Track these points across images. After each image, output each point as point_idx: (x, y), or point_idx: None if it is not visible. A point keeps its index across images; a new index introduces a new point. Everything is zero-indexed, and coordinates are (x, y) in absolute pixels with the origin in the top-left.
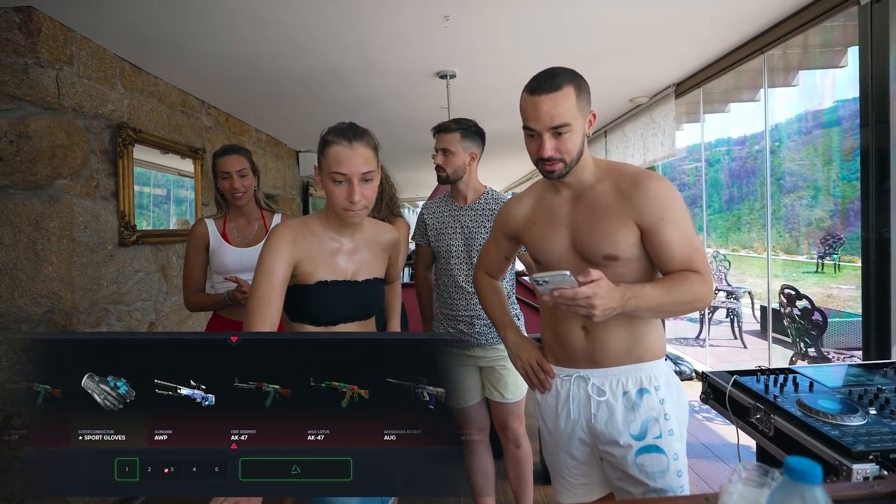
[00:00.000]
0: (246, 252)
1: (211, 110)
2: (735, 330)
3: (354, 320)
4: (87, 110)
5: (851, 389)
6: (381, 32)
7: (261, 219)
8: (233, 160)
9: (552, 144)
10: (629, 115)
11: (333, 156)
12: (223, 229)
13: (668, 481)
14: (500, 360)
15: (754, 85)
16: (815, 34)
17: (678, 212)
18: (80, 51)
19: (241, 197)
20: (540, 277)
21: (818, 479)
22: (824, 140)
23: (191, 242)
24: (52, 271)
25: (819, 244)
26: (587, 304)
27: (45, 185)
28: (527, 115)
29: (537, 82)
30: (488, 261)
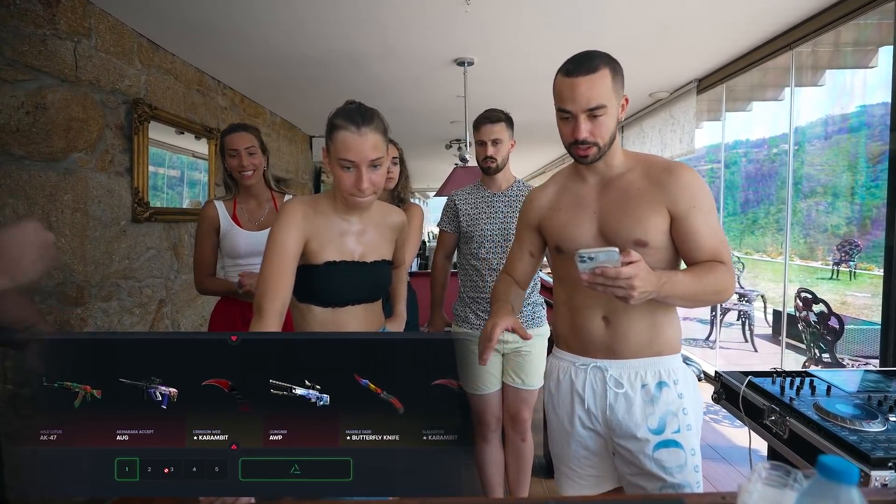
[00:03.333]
0: (258, 235)
1: (227, 91)
2: (746, 333)
3: (361, 302)
4: (103, 85)
5: (870, 395)
6: (400, 16)
7: (271, 200)
8: (241, 137)
9: (587, 127)
10: (648, 111)
11: (341, 141)
12: (234, 212)
13: (685, 476)
14: (525, 346)
15: (779, 83)
16: (847, 31)
17: (708, 203)
18: (99, 24)
19: (250, 175)
20: (586, 253)
21: (854, 480)
22: (847, 144)
23: (201, 225)
24: (64, 244)
25: (835, 250)
26: (628, 285)
27: (61, 158)
28: (562, 96)
29: (574, 64)
30: (510, 262)
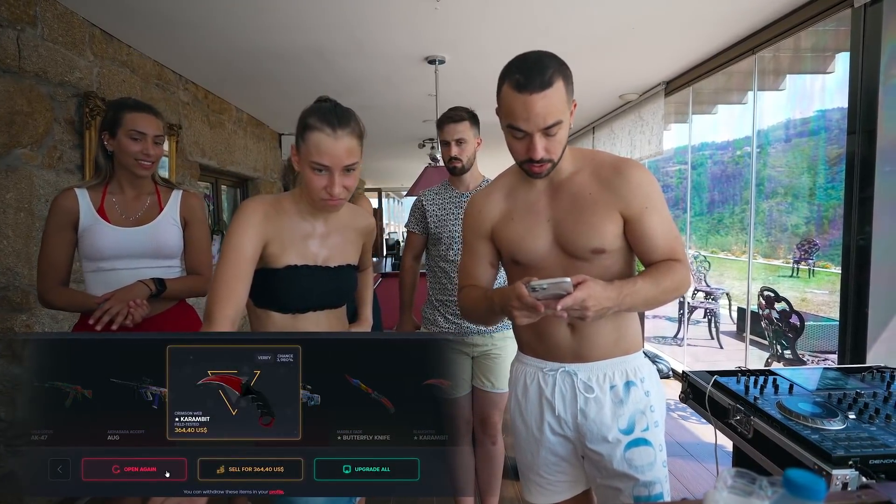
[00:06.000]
0: (130, 233)
1: (189, 85)
2: (712, 330)
3: (324, 308)
4: (51, 76)
5: (830, 393)
6: (368, 11)
7: (154, 194)
8: (150, 121)
9: (543, 144)
10: (618, 112)
11: (315, 143)
12: (101, 203)
13: (655, 473)
14: (494, 349)
15: (743, 87)
16: (807, 37)
17: (659, 199)
18: (46, 12)
19: (149, 167)
20: (538, 285)
21: (821, 496)
22: (807, 147)
23: (52, 218)
24: (7, 246)
25: (796, 249)
26: (581, 307)
27: (2, 154)
28: (514, 114)
29: (525, 76)
30: (470, 276)
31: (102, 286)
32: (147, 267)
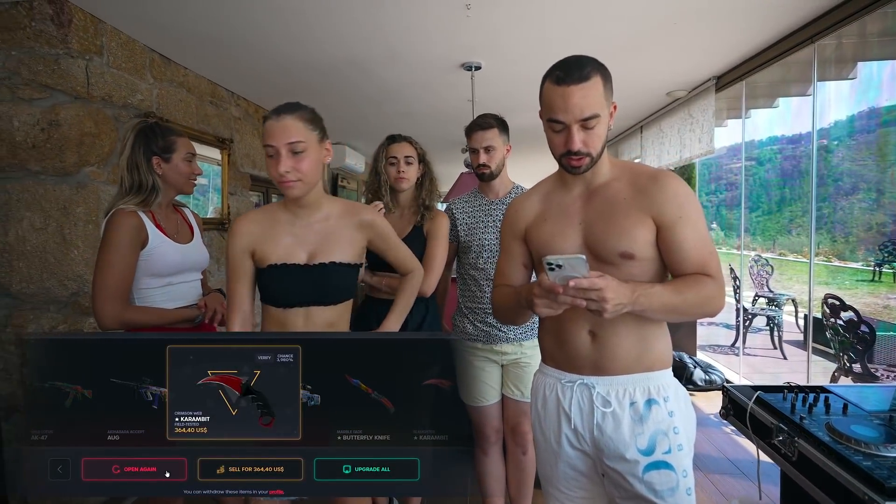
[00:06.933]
0: (187, 248)
1: (240, 101)
2: (775, 339)
3: (309, 304)
4: (115, 100)
5: (893, 416)
6: (401, 21)
7: (175, 212)
8: (191, 143)
9: (581, 137)
10: (666, 110)
11: (265, 131)
12: (154, 221)
13: (677, 499)
14: (523, 357)
15: (804, 78)
16: (874, 21)
17: (696, 212)
18: (111, 42)
19: (195, 184)
20: (554, 260)
21: None
22: (888, 138)
23: (123, 239)
24: (77, 255)
25: (878, 250)
26: (599, 297)
27: (73, 172)
28: (554, 106)
29: (564, 71)
30: (504, 276)
31: (170, 300)
32: (196, 279)
